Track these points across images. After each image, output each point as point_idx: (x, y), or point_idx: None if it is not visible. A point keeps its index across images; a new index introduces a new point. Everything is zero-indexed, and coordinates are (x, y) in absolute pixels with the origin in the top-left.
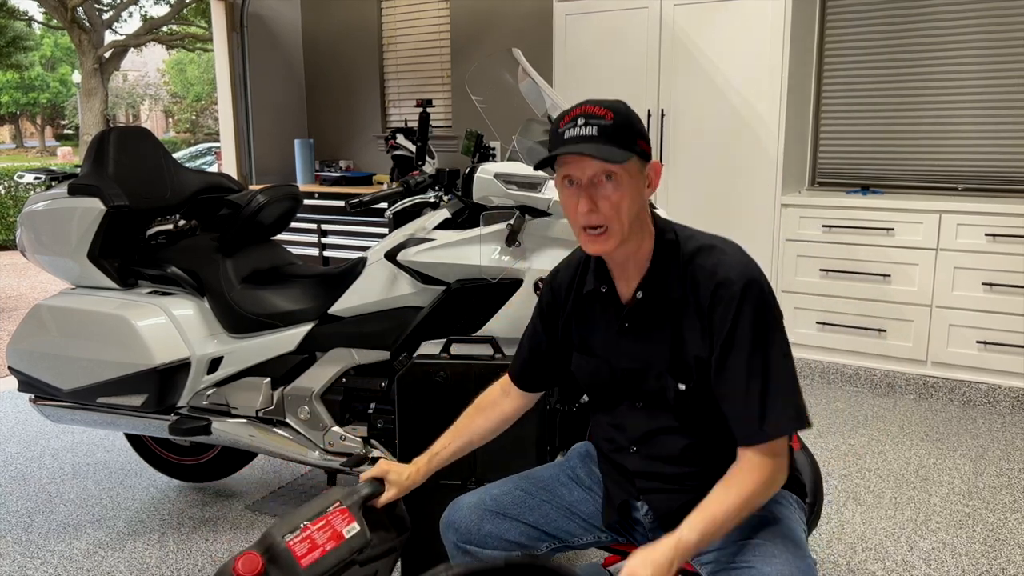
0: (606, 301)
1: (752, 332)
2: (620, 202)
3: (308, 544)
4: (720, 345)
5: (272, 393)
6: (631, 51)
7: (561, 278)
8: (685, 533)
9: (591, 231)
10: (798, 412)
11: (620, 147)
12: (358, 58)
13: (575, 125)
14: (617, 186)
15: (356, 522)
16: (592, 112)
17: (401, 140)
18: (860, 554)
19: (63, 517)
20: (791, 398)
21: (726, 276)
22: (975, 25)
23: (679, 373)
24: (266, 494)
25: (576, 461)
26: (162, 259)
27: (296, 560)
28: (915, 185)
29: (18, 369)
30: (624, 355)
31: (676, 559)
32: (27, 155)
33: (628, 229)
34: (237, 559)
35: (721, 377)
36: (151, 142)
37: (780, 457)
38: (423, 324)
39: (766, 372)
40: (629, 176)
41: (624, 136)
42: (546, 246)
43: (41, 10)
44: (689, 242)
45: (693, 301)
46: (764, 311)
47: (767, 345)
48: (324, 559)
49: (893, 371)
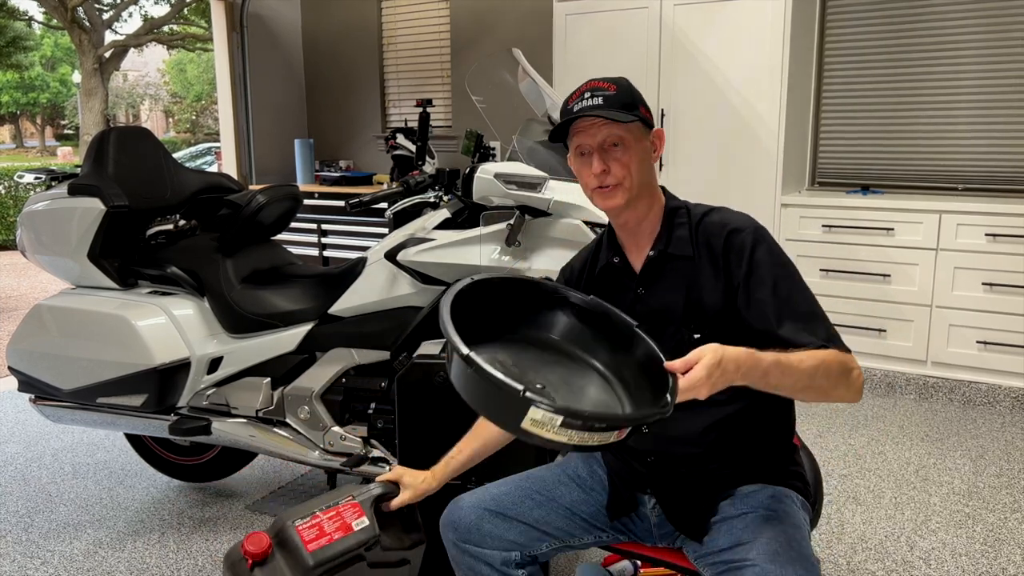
0: (620, 272)
1: (772, 262)
2: (629, 163)
3: (316, 530)
4: (743, 280)
5: (272, 393)
6: (631, 51)
7: (574, 264)
8: (760, 352)
9: (603, 189)
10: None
11: (625, 111)
12: (358, 58)
13: (582, 99)
14: (626, 150)
15: (366, 516)
16: (596, 86)
17: (401, 140)
18: (860, 554)
19: (63, 517)
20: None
21: (736, 225)
22: (975, 25)
23: (693, 322)
24: (266, 494)
25: (577, 461)
26: (162, 259)
27: (303, 544)
28: (915, 185)
29: (18, 369)
30: (641, 318)
31: (748, 360)
32: (27, 155)
33: (637, 188)
34: (247, 537)
35: (755, 310)
36: (151, 142)
37: (854, 365)
38: (423, 324)
39: (802, 293)
40: (635, 140)
41: (627, 102)
42: (546, 246)
43: (41, 10)
44: (698, 207)
45: (706, 254)
46: (777, 248)
47: (790, 273)
48: (330, 547)
49: (893, 371)
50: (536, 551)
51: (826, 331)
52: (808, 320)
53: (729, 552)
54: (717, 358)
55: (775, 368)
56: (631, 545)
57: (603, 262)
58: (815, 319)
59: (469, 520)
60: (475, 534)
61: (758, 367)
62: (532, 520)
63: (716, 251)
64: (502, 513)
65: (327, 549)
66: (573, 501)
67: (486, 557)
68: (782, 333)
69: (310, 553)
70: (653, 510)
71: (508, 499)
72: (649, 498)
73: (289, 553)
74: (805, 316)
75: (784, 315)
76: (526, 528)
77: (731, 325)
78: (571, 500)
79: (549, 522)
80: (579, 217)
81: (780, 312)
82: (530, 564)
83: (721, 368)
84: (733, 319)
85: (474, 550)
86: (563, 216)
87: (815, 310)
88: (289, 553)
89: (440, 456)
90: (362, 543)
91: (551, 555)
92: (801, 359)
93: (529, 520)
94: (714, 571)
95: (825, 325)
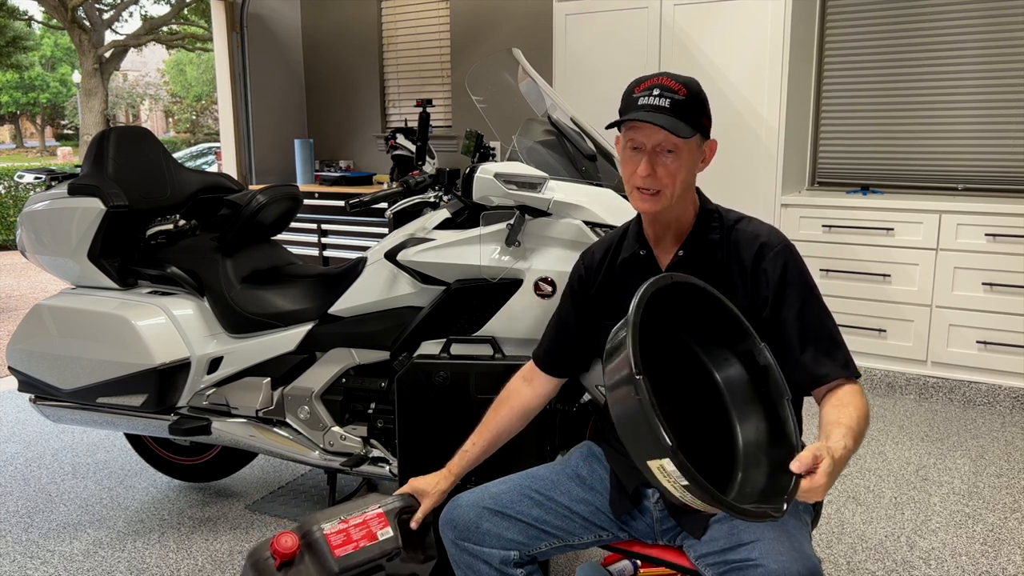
0: (644, 265)
1: (801, 283)
2: (677, 172)
3: (344, 536)
4: (772, 296)
5: (272, 393)
6: (631, 51)
7: (595, 251)
8: (843, 438)
9: (644, 191)
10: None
11: (688, 123)
12: (358, 58)
13: (650, 94)
14: (676, 158)
15: (390, 527)
16: (668, 85)
17: (401, 140)
18: (860, 554)
19: (63, 517)
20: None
21: (768, 239)
22: (975, 25)
23: None
24: (266, 494)
25: (578, 460)
26: (162, 259)
27: (331, 549)
28: (915, 185)
29: (18, 369)
30: None
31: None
32: (27, 155)
33: (679, 195)
34: (276, 536)
35: (780, 329)
36: (151, 142)
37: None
38: (423, 324)
39: (825, 319)
40: (689, 150)
41: (693, 112)
42: (546, 246)
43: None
44: (730, 213)
45: (736, 263)
46: (805, 268)
47: (816, 297)
48: (356, 554)
49: (893, 371)
50: (535, 550)
51: (844, 357)
52: (829, 346)
53: (731, 552)
54: (833, 462)
55: (855, 446)
56: (631, 544)
57: (627, 253)
58: (835, 345)
59: (468, 519)
60: (474, 533)
61: (849, 457)
62: (531, 519)
63: (745, 262)
64: (501, 512)
65: (353, 556)
66: (573, 500)
67: (485, 556)
68: (804, 358)
69: (336, 559)
70: (656, 504)
71: (507, 498)
72: (653, 492)
73: (315, 556)
74: (826, 343)
75: (808, 340)
76: (525, 527)
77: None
78: (571, 499)
79: (548, 521)
80: (579, 217)
81: (804, 337)
82: (529, 563)
83: (836, 472)
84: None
85: (473, 549)
86: (563, 216)
87: (835, 335)
88: (315, 556)
89: (440, 455)
90: (385, 553)
91: (551, 554)
92: (858, 420)
93: (528, 519)
94: (715, 571)
95: (843, 351)
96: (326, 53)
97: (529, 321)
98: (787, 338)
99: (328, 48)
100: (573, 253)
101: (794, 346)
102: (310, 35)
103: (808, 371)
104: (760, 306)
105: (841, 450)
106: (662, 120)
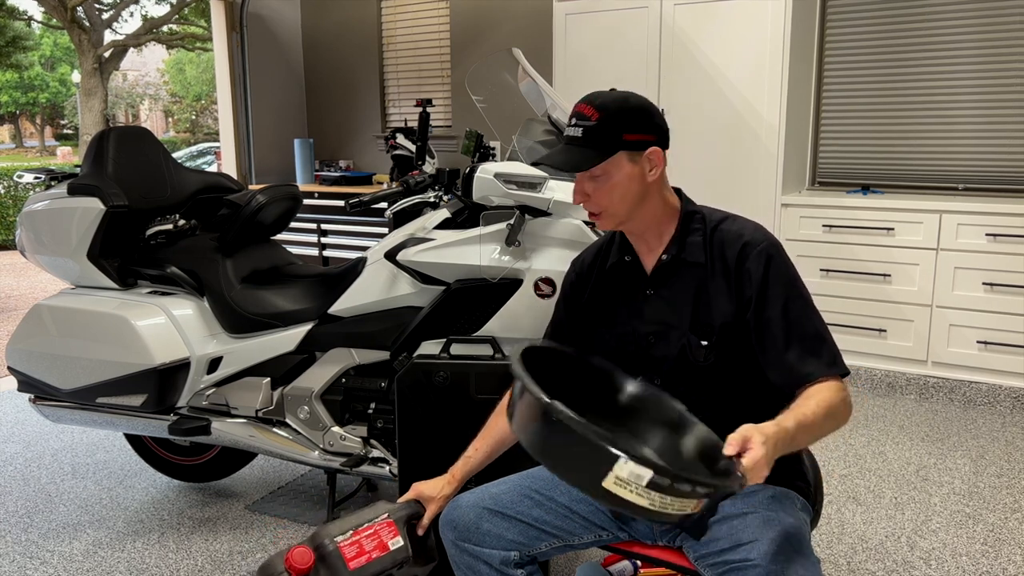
0: (630, 271)
1: (785, 281)
2: (610, 192)
3: (356, 548)
4: (756, 296)
5: (272, 393)
6: (631, 51)
7: (585, 257)
8: (781, 420)
9: (592, 215)
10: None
11: (599, 148)
12: (358, 58)
13: (571, 124)
14: (606, 180)
15: (400, 536)
16: (582, 112)
17: (401, 140)
18: (860, 554)
19: (63, 517)
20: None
21: (752, 238)
22: (975, 25)
23: (701, 329)
24: (266, 494)
25: None
26: (162, 259)
27: (345, 561)
28: (915, 185)
29: (18, 369)
30: (648, 320)
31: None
32: (27, 155)
33: (627, 212)
34: (290, 551)
35: (764, 329)
36: (151, 142)
37: (847, 392)
38: (423, 324)
39: (810, 316)
40: (616, 169)
41: (607, 134)
42: (546, 246)
43: (41, 10)
44: (714, 214)
45: (719, 263)
46: (790, 265)
47: (801, 294)
48: (369, 565)
49: (893, 371)
50: (535, 550)
51: (830, 354)
52: (814, 344)
53: (730, 552)
54: (765, 436)
55: (801, 433)
56: (631, 545)
57: (614, 259)
58: (821, 342)
59: (468, 519)
60: (474, 533)
61: (787, 437)
62: (531, 519)
63: (729, 262)
64: (501, 512)
65: (366, 568)
66: (573, 500)
67: (485, 556)
68: (788, 357)
69: (351, 572)
70: None
71: (507, 498)
72: None
73: (330, 569)
74: (812, 340)
75: (792, 338)
76: (525, 527)
77: (737, 336)
78: (571, 499)
79: (548, 521)
80: (579, 217)
81: (789, 335)
82: (529, 564)
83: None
84: (740, 331)
85: (473, 549)
86: (563, 216)
87: (821, 332)
88: (330, 569)
89: (440, 455)
90: (396, 562)
91: (551, 555)
92: (815, 411)
93: (528, 519)
94: (715, 571)
95: (829, 348)
96: (326, 53)
97: (529, 321)
98: (772, 337)
99: (328, 48)
100: (573, 253)
101: (779, 346)
102: (310, 35)
103: (793, 370)
104: (745, 307)
105: (773, 427)
106: (561, 161)
